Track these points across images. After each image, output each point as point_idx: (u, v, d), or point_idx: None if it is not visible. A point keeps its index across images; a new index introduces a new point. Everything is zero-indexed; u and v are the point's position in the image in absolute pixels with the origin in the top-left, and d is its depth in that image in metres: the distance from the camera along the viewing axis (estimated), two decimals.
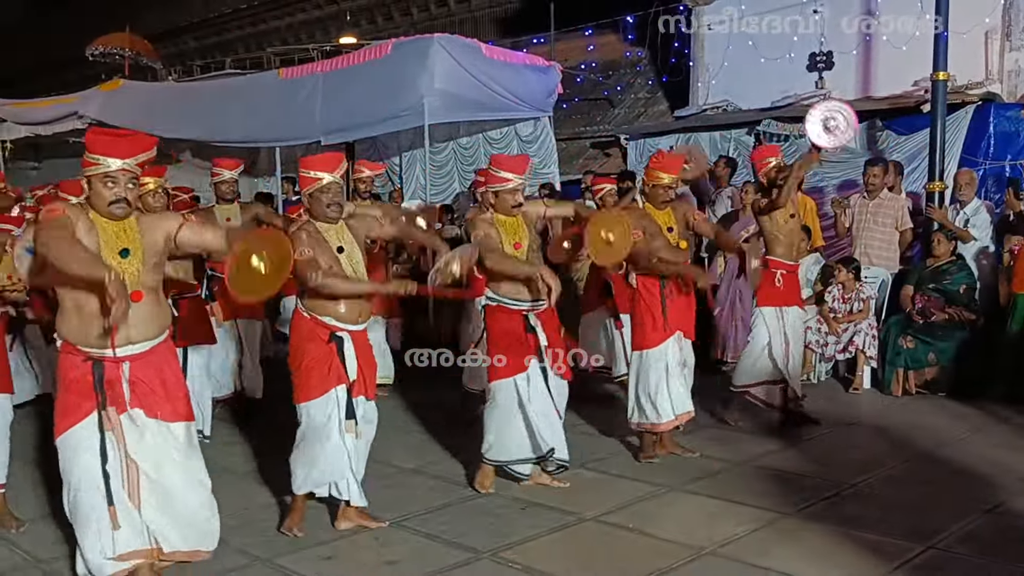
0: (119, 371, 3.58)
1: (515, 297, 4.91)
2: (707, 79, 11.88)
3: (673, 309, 5.48)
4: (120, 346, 3.54)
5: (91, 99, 13.32)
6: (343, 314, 4.29)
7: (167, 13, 28.65)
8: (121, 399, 3.58)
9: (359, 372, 4.35)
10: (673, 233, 5.45)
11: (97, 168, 3.54)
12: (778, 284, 6.18)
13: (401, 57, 9.97)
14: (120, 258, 3.54)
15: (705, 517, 4.58)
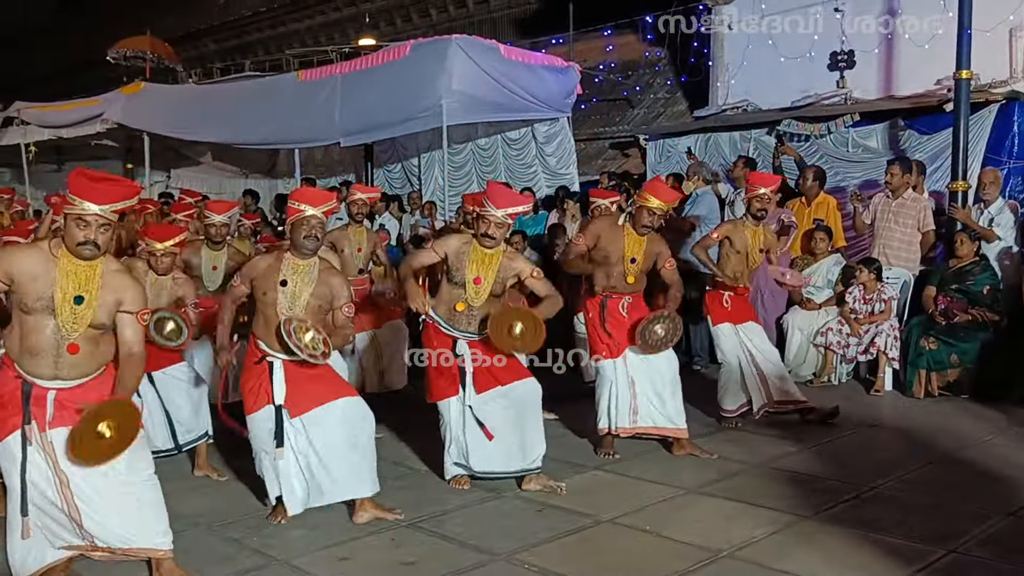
0: (46, 393, 3.69)
1: (448, 322, 5.02)
2: (727, 79, 11.81)
3: (615, 326, 5.59)
4: (48, 380, 3.69)
5: (113, 102, 13.41)
6: (274, 343, 4.46)
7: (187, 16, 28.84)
8: (42, 418, 3.68)
9: (292, 393, 4.48)
10: (634, 265, 5.51)
11: (73, 209, 3.64)
12: (726, 305, 6.29)
13: (419, 58, 9.97)
14: (73, 304, 3.64)
15: (722, 519, 4.55)
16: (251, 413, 4.53)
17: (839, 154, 9.91)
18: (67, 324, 3.65)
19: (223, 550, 4.25)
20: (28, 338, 3.66)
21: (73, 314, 3.65)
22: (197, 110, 12.60)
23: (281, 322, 4.39)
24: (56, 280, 3.63)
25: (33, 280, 3.62)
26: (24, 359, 3.68)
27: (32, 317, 3.64)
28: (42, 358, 3.66)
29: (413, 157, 13.20)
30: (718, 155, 10.82)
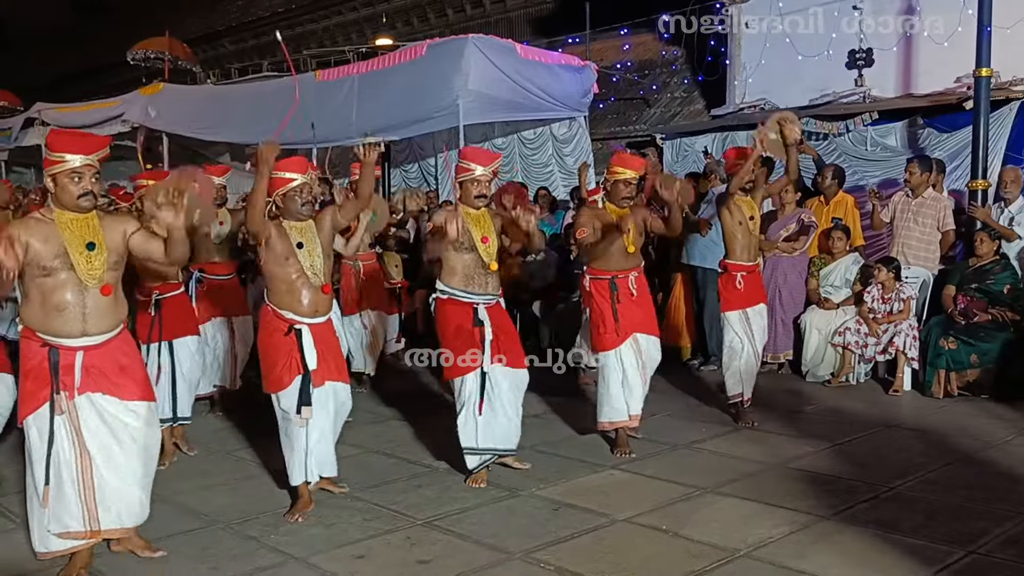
0: (73, 358, 3.82)
1: (465, 289, 5.07)
2: (744, 77, 11.78)
3: (626, 312, 5.54)
4: (76, 338, 3.80)
5: (132, 103, 13.53)
6: (301, 308, 4.56)
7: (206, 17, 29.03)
8: (71, 386, 3.81)
9: (320, 360, 4.57)
10: (631, 234, 5.45)
11: (63, 166, 3.81)
12: (739, 287, 6.23)
13: (436, 58, 10.00)
14: (87, 251, 3.80)
15: (740, 519, 4.53)
16: (284, 389, 4.57)
17: (857, 153, 9.86)
18: (85, 272, 3.79)
19: (241, 547, 4.27)
20: (51, 297, 3.77)
21: (89, 261, 3.80)
22: (215, 110, 12.69)
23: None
24: (62, 236, 3.79)
25: (45, 242, 3.76)
26: (50, 320, 3.78)
27: (51, 277, 3.76)
28: (69, 313, 3.78)
29: (430, 157, 13.23)
30: None
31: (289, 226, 4.60)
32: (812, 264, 8.14)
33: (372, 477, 5.34)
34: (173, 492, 5.08)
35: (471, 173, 5.05)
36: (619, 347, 5.60)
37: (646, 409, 6.89)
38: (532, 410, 6.93)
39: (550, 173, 11.82)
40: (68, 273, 3.78)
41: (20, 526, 4.55)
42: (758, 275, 6.46)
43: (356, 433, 6.33)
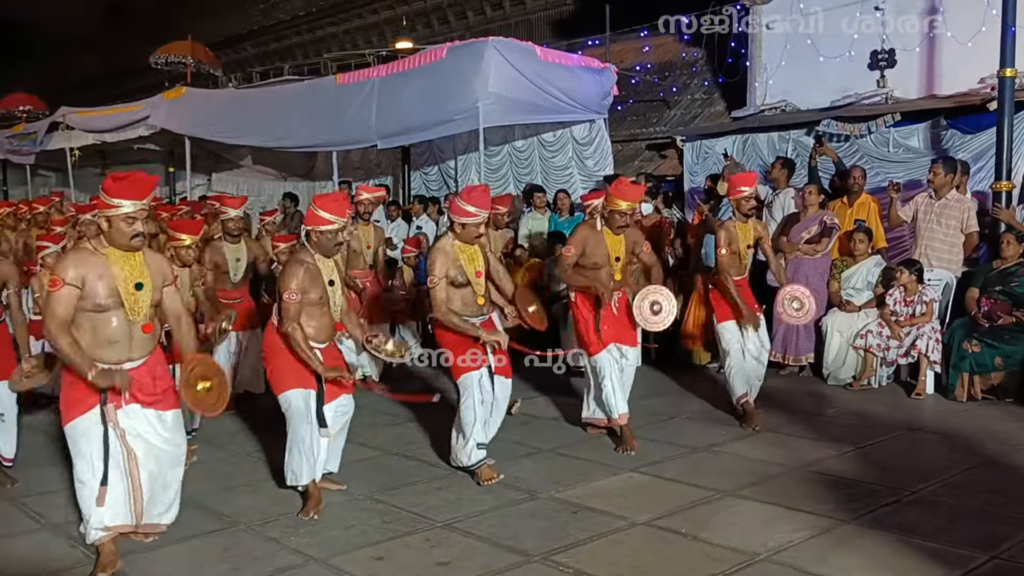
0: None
1: (465, 314, 5.30)
2: (765, 79, 11.72)
3: (607, 324, 5.91)
4: (123, 363, 4.13)
5: (155, 107, 13.62)
6: (313, 335, 4.81)
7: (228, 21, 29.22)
8: (119, 397, 4.13)
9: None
10: (619, 263, 5.89)
11: (118, 211, 4.05)
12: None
13: (456, 61, 10.01)
14: (136, 291, 4.12)
15: (760, 523, 4.51)
16: (291, 389, 4.81)
17: (880, 154, 9.78)
18: (133, 309, 4.11)
19: (262, 548, 4.30)
20: (101, 331, 4.08)
21: (136, 300, 4.12)
22: (237, 114, 12.75)
23: (364, 343, 5.07)
24: (115, 275, 4.07)
25: (100, 279, 4.04)
26: (100, 349, 4.08)
27: (103, 314, 4.06)
28: (119, 345, 4.11)
29: (450, 159, 13.25)
30: (756, 156, 10.73)
31: (322, 263, 4.85)
32: (834, 266, 8.09)
33: (391, 479, 5.37)
34: (195, 493, 5.12)
35: (475, 218, 5.23)
36: (605, 349, 5.94)
37: (664, 412, 6.97)
38: (550, 413, 6.96)
39: (570, 175, 11.79)
40: (119, 311, 4.09)
41: (45, 527, 4.63)
42: (748, 289, 6.64)
43: (375, 435, 6.37)
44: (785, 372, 8.20)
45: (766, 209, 8.98)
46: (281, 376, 4.85)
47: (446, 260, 5.24)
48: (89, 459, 4.12)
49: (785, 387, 7.79)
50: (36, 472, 5.64)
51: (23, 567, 4.14)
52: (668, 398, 7.61)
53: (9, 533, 4.56)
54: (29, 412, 6.63)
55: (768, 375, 8.09)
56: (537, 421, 6.71)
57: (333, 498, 5.00)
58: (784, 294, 6.60)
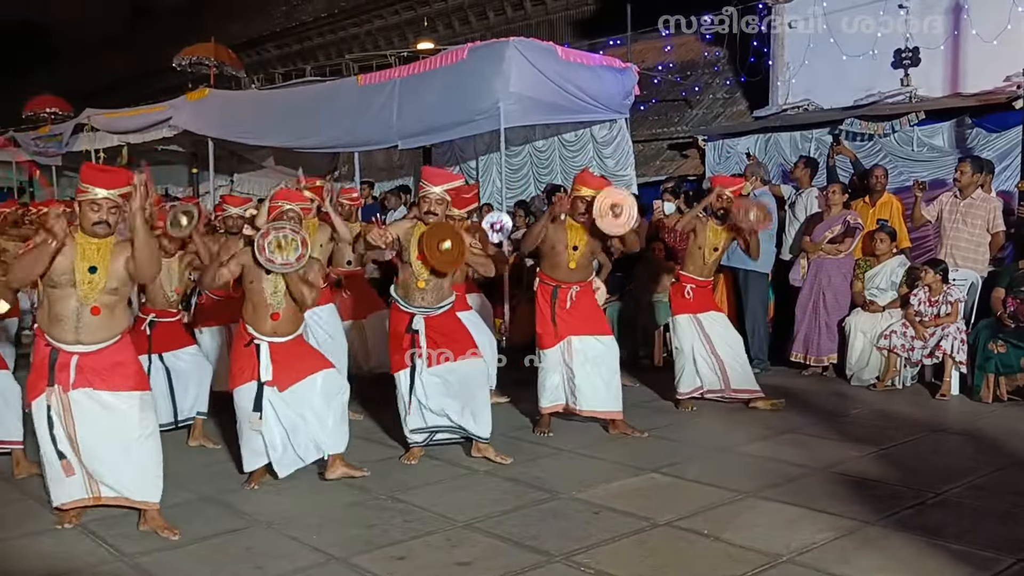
0: (69, 359, 4.39)
1: (404, 299, 5.58)
2: (787, 78, 11.66)
3: (564, 315, 6.08)
4: (71, 344, 4.37)
5: (178, 108, 13.69)
6: (258, 327, 5.12)
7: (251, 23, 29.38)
8: (66, 382, 4.39)
9: (274, 373, 5.10)
10: (576, 252, 6.04)
11: (86, 195, 4.36)
12: (688, 296, 6.83)
13: (477, 61, 10.01)
14: (88, 273, 4.34)
15: (783, 524, 4.48)
16: (236, 387, 5.14)
17: (904, 153, 9.71)
18: (84, 291, 4.33)
19: (283, 547, 4.32)
20: (53, 307, 4.37)
21: (89, 282, 4.33)
22: (260, 115, 12.80)
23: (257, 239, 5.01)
24: (74, 257, 4.32)
25: (63, 257, 4.31)
26: (51, 327, 4.38)
27: (57, 290, 4.34)
28: (65, 324, 4.36)
29: (471, 160, 13.25)
30: (778, 155, 10.67)
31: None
32: (857, 266, 8.04)
33: (412, 479, 5.38)
34: (218, 491, 5.16)
35: (430, 194, 5.49)
36: (557, 345, 6.14)
37: (685, 411, 6.93)
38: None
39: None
40: (70, 289, 4.33)
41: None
42: (709, 290, 7.02)
43: (396, 434, 6.38)
44: (808, 372, 8.16)
45: (788, 209, 8.93)
46: (232, 373, 5.21)
47: (398, 229, 5.51)
48: (41, 436, 4.47)
49: (808, 387, 7.74)
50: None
51: (48, 565, 4.18)
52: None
53: (34, 531, 4.60)
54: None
55: (790, 375, 8.12)
56: (559, 422, 6.69)
57: (354, 497, 5.03)
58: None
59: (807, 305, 8.19)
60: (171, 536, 4.42)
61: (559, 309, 6.11)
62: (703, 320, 6.82)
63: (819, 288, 8.11)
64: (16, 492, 5.28)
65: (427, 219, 5.45)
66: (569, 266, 6.08)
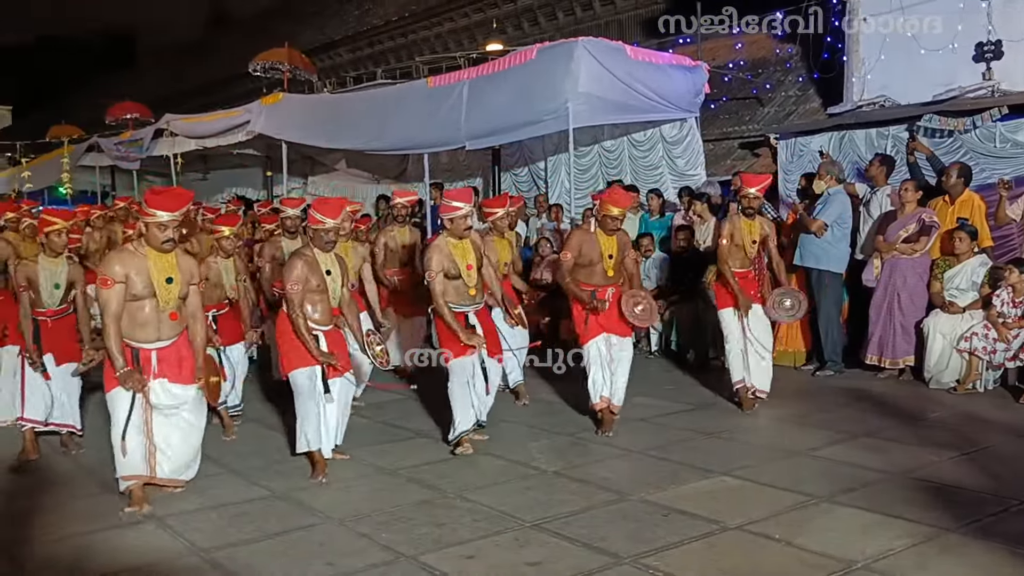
0: (150, 355, 5.05)
1: (459, 303, 6.07)
2: (862, 74, 11.38)
3: (598, 316, 6.47)
4: (152, 343, 5.04)
5: (254, 112, 13.98)
6: (317, 319, 5.61)
7: (323, 28, 29.84)
8: (148, 373, 5.02)
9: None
10: (612, 260, 6.50)
11: (153, 219, 4.95)
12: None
13: (545, 61, 10.01)
14: (166, 284, 5.01)
15: (858, 530, 4.38)
16: (298, 368, 5.54)
17: (985, 150, 9.38)
18: (164, 299, 5.00)
19: (354, 544, 4.38)
20: (137, 316, 4.98)
21: (167, 291, 5.00)
22: (332, 118, 13.00)
23: (363, 339, 5.78)
24: (150, 271, 4.96)
25: (138, 274, 4.94)
26: (135, 331, 4.99)
27: (139, 301, 4.95)
28: (149, 327, 5.01)
29: (540, 160, 13.26)
30: (853, 153, 10.41)
31: (320, 256, 5.63)
32: (935, 266, 7.81)
33: (482, 478, 5.40)
34: (289, 488, 5.26)
35: (460, 211, 5.97)
36: (595, 339, 6.48)
37: (756, 414, 6.84)
38: (640, 414, 6.90)
39: (660, 175, 11.67)
40: (151, 300, 4.98)
41: (150, 519, 4.80)
42: (752, 281, 7.09)
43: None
44: (884, 375, 7.96)
45: (863, 208, 8.73)
46: (288, 357, 5.60)
47: (441, 256, 5.93)
48: (117, 420, 4.99)
49: (884, 391, 7.56)
50: None
51: (130, 557, 4.31)
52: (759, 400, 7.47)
53: (118, 525, 4.75)
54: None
55: (865, 377, 7.94)
56: (626, 423, 6.66)
57: (423, 495, 5.07)
58: (776, 294, 7.04)
59: (881, 306, 8.00)
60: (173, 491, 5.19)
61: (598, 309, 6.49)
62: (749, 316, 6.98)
63: (893, 289, 7.91)
64: (98, 487, 5.46)
65: (466, 233, 6.03)
66: (608, 274, 6.52)
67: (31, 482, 5.64)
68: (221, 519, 4.77)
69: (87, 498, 5.28)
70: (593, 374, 6.48)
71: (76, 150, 19.21)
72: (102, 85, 47.75)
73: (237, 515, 4.83)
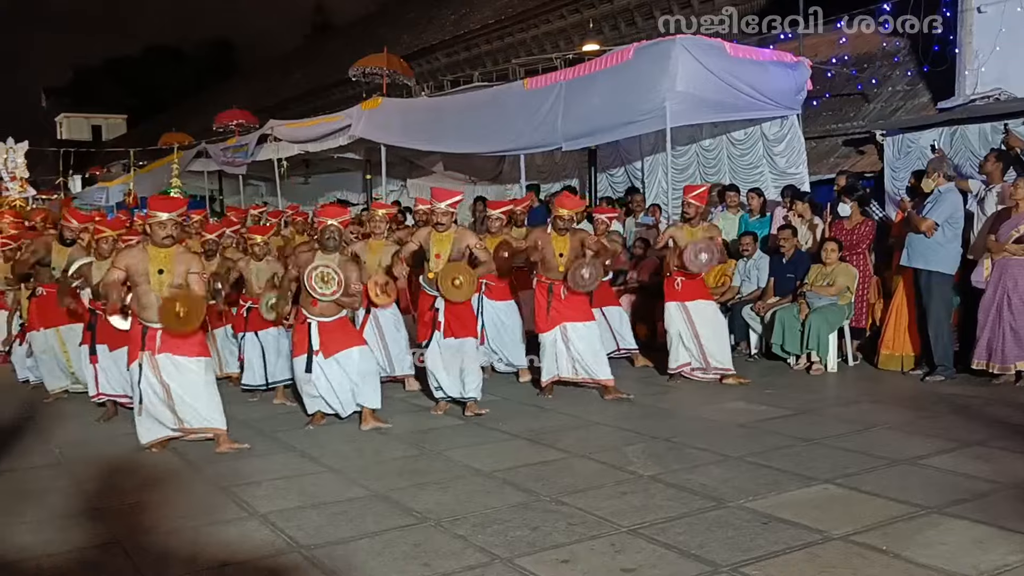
0: (156, 333, 6.23)
1: (430, 285, 7.31)
2: (976, 66, 10.92)
3: (557, 307, 7.63)
4: (155, 323, 6.19)
5: (354, 117, 14.27)
6: (313, 310, 6.82)
7: (421, 33, 30.27)
8: (153, 348, 6.22)
9: (321, 343, 6.80)
10: (563, 259, 7.54)
11: (154, 218, 6.20)
12: (677, 288, 8.04)
13: (642, 61, 9.93)
14: (158, 275, 6.17)
15: (970, 543, 4.19)
16: (297, 356, 6.93)
17: None
18: (156, 285, 6.15)
19: (450, 546, 4.40)
20: (140, 300, 6.24)
21: (157, 279, 6.16)
22: (431, 122, 13.17)
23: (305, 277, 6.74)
24: (148, 262, 6.18)
25: (138, 264, 6.21)
26: (143, 312, 6.24)
27: (139, 287, 6.20)
28: (149, 310, 6.19)
29: (636, 160, 13.15)
30: (966, 149, 10.01)
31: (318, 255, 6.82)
32: None
33: (578, 482, 5.37)
34: (388, 489, 5.33)
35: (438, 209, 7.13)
36: (551, 330, 7.65)
37: (860, 420, 6.62)
38: (739, 419, 6.77)
39: (760, 174, 11.44)
40: (148, 286, 6.17)
41: (252, 515, 4.93)
42: (697, 281, 8.11)
43: (562, 437, 6.41)
44: (999, 381, 7.61)
45: (978, 205, 8.38)
46: (294, 344, 7.03)
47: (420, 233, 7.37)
48: (134, 392, 6.31)
49: (997, 397, 7.24)
50: (244, 464, 6.04)
51: (231, 552, 4.43)
52: (862, 406, 7.25)
53: (220, 520, 4.89)
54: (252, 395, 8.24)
55: (977, 383, 7.62)
56: (726, 428, 6.54)
57: (519, 498, 5.06)
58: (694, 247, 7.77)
59: (990, 309, 7.66)
60: (241, 447, 6.28)
61: (555, 300, 7.63)
62: (691, 308, 8.02)
63: (1004, 291, 7.57)
64: (203, 482, 5.64)
65: (438, 228, 7.13)
66: (559, 270, 7.56)
67: (140, 478, 5.85)
68: (321, 517, 4.87)
69: (193, 493, 5.45)
70: (547, 360, 7.66)
71: (185, 156, 19.96)
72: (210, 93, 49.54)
73: (336, 513, 4.92)
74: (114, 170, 31.42)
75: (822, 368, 8.51)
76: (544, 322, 7.67)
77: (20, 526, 4.88)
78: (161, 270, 6.14)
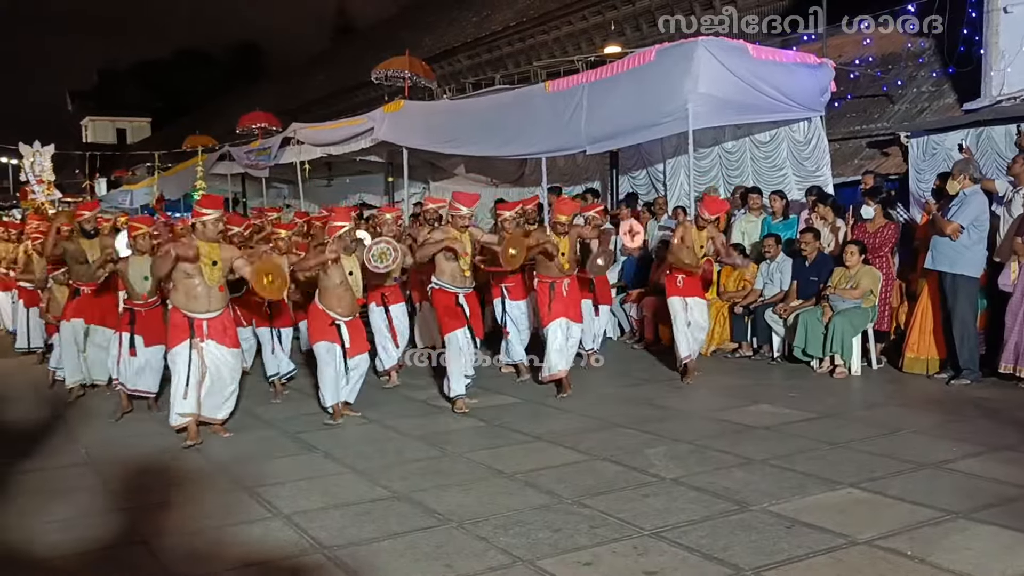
0: (202, 323, 6.73)
1: (452, 283, 7.76)
2: (1002, 67, 10.82)
3: (558, 302, 8.04)
4: (203, 313, 6.73)
5: (376, 120, 14.29)
6: (338, 311, 7.24)
7: (443, 35, 30.34)
8: (201, 335, 6.72)
9: (351, 341, 7.30)
10: (564, 257, 8.02)
11: (205, 217, 6.75)
12: (679, 285, 8.46)
13: (665, 63, 9.89)
14: (211, 266, 6.69)
15: (998, 549, 4.15)
16: (321, 340, 7.21)
17: None
18: (210, 279, 6.69)
19: (472, 547, 4.41)
20: (192, 291, 6.70)
21: (211, 271, 6.70)
22: (453, 125, 13.17)
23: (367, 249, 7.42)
24: (201, 256, 6.64)
25: (193, 258, 6.60)
26: (189, 303, 6.71)
27: (192, 279, 6.67)
28: (200, 300, 6.72)
29: (658, 163, 13.10)
30: (992, 150, 9.91)
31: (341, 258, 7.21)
32: None
33: (599, 484, 5.37)
34: (410, 490, 5.34)
35: (460, 212, 7.68)
36: (555, 320, 8.01)
37: (886, 424, 6.58)
38: (763, 422, 6.74)
39: (784, 176, 11.37)
40: (201, 278, 6.68)
41: (277, 515, 4.96)
42: (696, 279, 8.57)
43: (583, 440, 6.40)
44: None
45: (1004, 207, 8.29)
46: (317, 331, 7.27)
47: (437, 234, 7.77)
48: (179, 373, 6.69)
49: (1020, 400, 7.17)
50: (269, 465, 6.08)
51: (257, 551, 4.46)
52: (888, 410, 7.19)
53: (245, 520, 4.92)
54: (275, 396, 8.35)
55: (1004, 387, 7.57)
56: (749, 430, 6.52)
57: (541, 500, 5.07)
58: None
59: (1017, 312, 7.59)
60: (224, 435, 6.84)
61: (556, 297, 8.03)
62: (689, 303, 8.46)
63: None
64: (228, 483, 5.69)
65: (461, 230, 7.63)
66: (563, 268, 8.03)
67: (165, 478, 5.90)
68: (344, 518, 4.89)
69: (218, 494, 5.50)
70: (552, 348, 7.98)
71: (209, 159, 20.08)
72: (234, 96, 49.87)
73: (359, 514, 4.94)
74: (139, 173, 31.72)
75: (845, 371, 8.45)
76: (547, 316, 8.05)
77: (50, 524, 4.94)
78: (215, 262, 6.71)
